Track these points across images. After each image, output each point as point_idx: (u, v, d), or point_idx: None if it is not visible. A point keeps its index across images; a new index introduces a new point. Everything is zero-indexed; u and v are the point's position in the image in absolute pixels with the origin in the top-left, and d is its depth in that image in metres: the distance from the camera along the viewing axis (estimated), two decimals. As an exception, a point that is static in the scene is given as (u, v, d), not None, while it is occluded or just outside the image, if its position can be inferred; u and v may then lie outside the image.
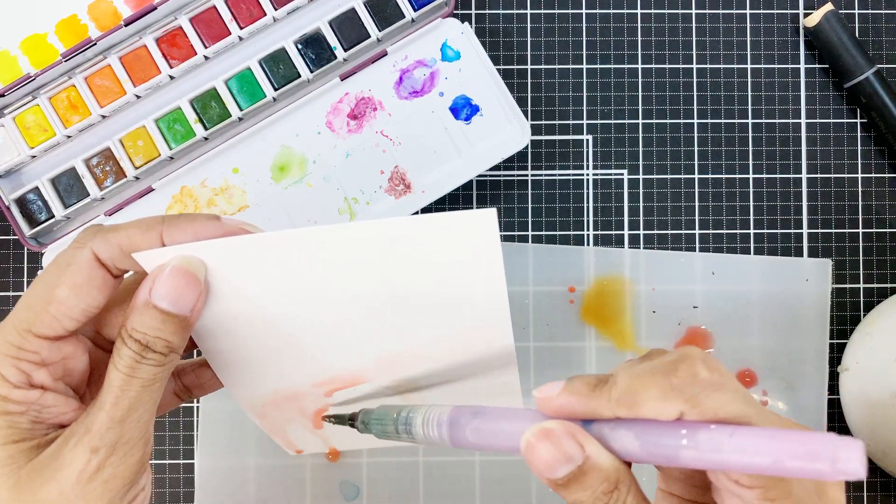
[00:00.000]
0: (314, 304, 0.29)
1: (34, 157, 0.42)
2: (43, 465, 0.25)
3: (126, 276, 0.28)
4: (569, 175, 0.45)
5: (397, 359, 0.31)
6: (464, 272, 0.28)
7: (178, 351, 0.27)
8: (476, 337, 0.30)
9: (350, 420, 0.31)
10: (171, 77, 0.42)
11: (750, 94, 0.45)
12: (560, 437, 0.25)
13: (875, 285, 0.44)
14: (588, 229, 0.44)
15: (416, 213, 0.44)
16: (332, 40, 0.42)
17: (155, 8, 0.41)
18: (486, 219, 0.27)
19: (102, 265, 0.26)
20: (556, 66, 0.45)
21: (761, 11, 0.45)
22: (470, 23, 0.45)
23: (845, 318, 0.44)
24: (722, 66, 0.45)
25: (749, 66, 0.45)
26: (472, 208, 0.44)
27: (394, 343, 0.30)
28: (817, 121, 0.45)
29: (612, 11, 0.45)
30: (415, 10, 0.42)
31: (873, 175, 0.45)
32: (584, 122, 0.45)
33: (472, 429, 0.27)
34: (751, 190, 0.45)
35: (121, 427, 0.25)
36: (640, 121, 0.45)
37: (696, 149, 0.45)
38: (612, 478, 0.24)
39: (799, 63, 0.45)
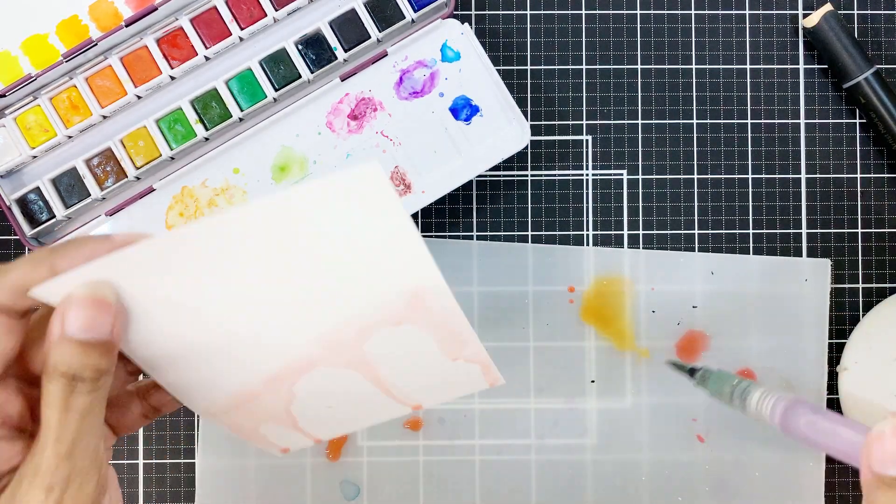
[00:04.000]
0: (232, 295, 0.28)
1: (35, 157, 0.42)
2: None
3: (34, 315, 0.28)
4: (568, 175, 0.45)
5: (341, 334, 0.30)
6: (370, 228, 0.28)
7: (109, 372, 0.26)
8: (404, 286, 0.29)
9: (690, 371, 0.38)
10: (172, 77, 0.42)
11: (749, 94, 0.45)
12: None
13: (874, 285, 0.45)
14: (588, 229, 0.45)
15: (416, 213, 0.44)
16: (333, 41, 0.42)
17: (156, 9, 0.41)
18: (369, 173, 0.26)
19: (1, 311, 0.26)
20: (556, 67, 0.45)
21: (761, 12, 0.45)
22: (470, 23, 0.45)
23: (844, 318, 0.44)
24: (721, 66, 0.45)
25: (748, 66, 0.45)
26: (471, 208, 0.45)
27: (329, 317, 0.30)
28: (816, 121, 0.45)
29: (612, 12, 0.45)
30: (415, 11, 0.42)
31: (872, 175, 0.45)
32: (584, 122, 0.45)
33: (808, 422, 0.30)
34: (750, 190, 0.45)
35: (69, 461, 0.25)
36: (640, 121, 0.45)
37: (695, 149, 0.45)
38: None
39: (798, 63, 0.45)
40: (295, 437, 0.34)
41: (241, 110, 0.42)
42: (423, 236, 0.35)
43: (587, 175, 0.45)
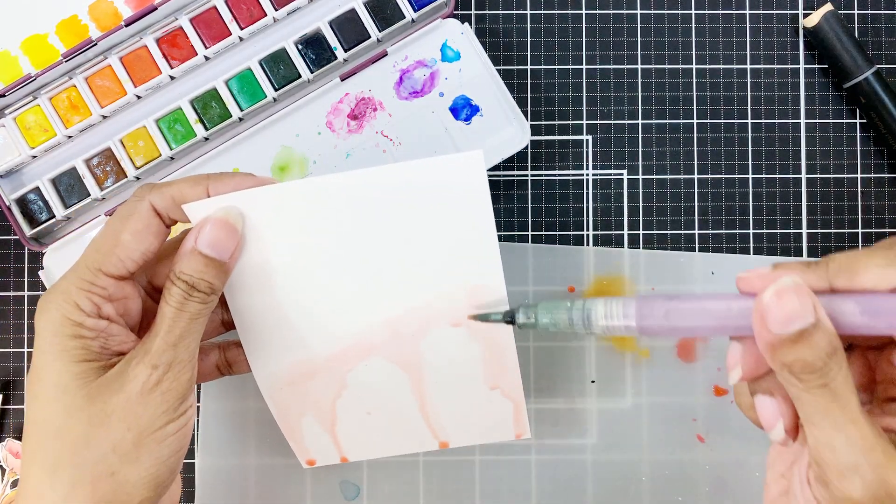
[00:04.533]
0: (322, 261, 0.32)
1: (35, 157, 0.42)
2: (111, 380, 0.30)
3: (168, 238, 0.33)
4: (569, 175, 0.45)
5: (402, 321, 0.33)
6: (457, 213, 0.31)
7: (218, 292, 0.31)
8: (469, 282, 0.32)
9: (507, 318, 0.32)
10: (172, 77, 0.42)
11: (750, 94, 0.45)
12: (801, 292, 0.26)
13: (874, 285, 0.44)
14: (588, 229, 0.44)
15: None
16: (333, 41, 0.42)
17: (155, 8, 0.41)
18: (473, 160, 0.30)
19: (158, 215, 0.31)
20: (556, 67, 0.45)
21: (761, 12, 0.45)
22: (470, 23, 0.45)
23: (845, 317, 0.44)
24: (722, 66, 0.45)
25: (749, 66, 0.45)
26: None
27: (399, 302, 0.33)
28: (817, 121, 0.45)
29: (612, 12, 0.45)
30: (415, 11, 0.42)
31: (872, 175, 0.45)
32: (584, 122, 0.45)
33: (668, 311, 0.28)
34: (750, 190, 0.45)
35: (174, 350, 0.30)
36: (640, 121, 0.45)
37: (695, 149, 0.45)
38: (834, 342, 0.26)
39: (798, 63, 0.45)
40: (328, 444, 0.36)
41: (241, 110, 0.42)
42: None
43: (587, 175, 0.45)
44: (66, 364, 0.29)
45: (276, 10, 0.42)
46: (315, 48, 0.42)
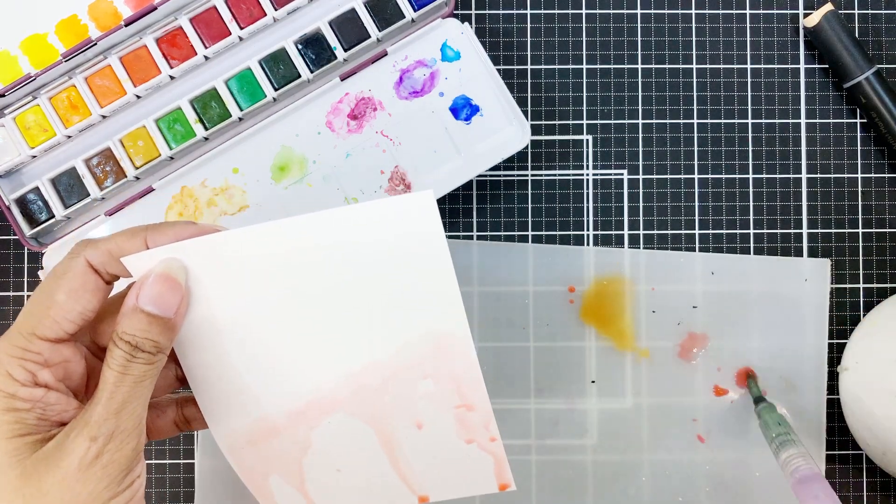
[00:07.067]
0: (279, 310, 0.30)
1: (34, 157, 0.42)
2: (47, 455, 0.27)
3: (112, 293, 0.31)
4: (569, 175, 0.45)
5: (364, 375, 0.31)
6: (412, 256, 0.29)
7: (165, 351, 0.29)
8: (431, 329, 0.31)
9: (756, 400, 0.42)
10: (172, 77, 0.42)
11: (750, 94, 0.45)
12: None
13: (875, 285, 0.44)
14: (588, 229, 0.44)
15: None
16: (332, 40, 0.42)
17: (155, 8, 0.41)
18: (424, 200, 0.28)
19: (95, 271, 0.29)
20: (556, 66, 0.45)
21: (761, 11, 0.45)
22: (470, 23, 0.45)
23: (845, 317, 0.44)
24: (722, 66, 0.45)
25: (749, 66, 0.45)
26: (471, 208, 0.45)
27: (358, 354, 0.31)
28: (817, 121, 0.45)
29: (612, 11, 0.45)
30: (415, 11, 0.42)
31: (873, 175, 0.45)
32: (584, 122, 0.45)
33: (814, 496, 0.35)
34: (751, 190, 0.45)
35: (116, 418, 0.27)
36: (640, 121, 0.45)
37: (696, 149, 0.45)
38: None
39: (799, 63, 0.45)
40: (300, 501, 0.34)
41: (241, 110, 0.42)
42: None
43: (587, 175, 0.45)
44: None
45: (276, 9, 0.42)
46: (315, 48, 0.42)
